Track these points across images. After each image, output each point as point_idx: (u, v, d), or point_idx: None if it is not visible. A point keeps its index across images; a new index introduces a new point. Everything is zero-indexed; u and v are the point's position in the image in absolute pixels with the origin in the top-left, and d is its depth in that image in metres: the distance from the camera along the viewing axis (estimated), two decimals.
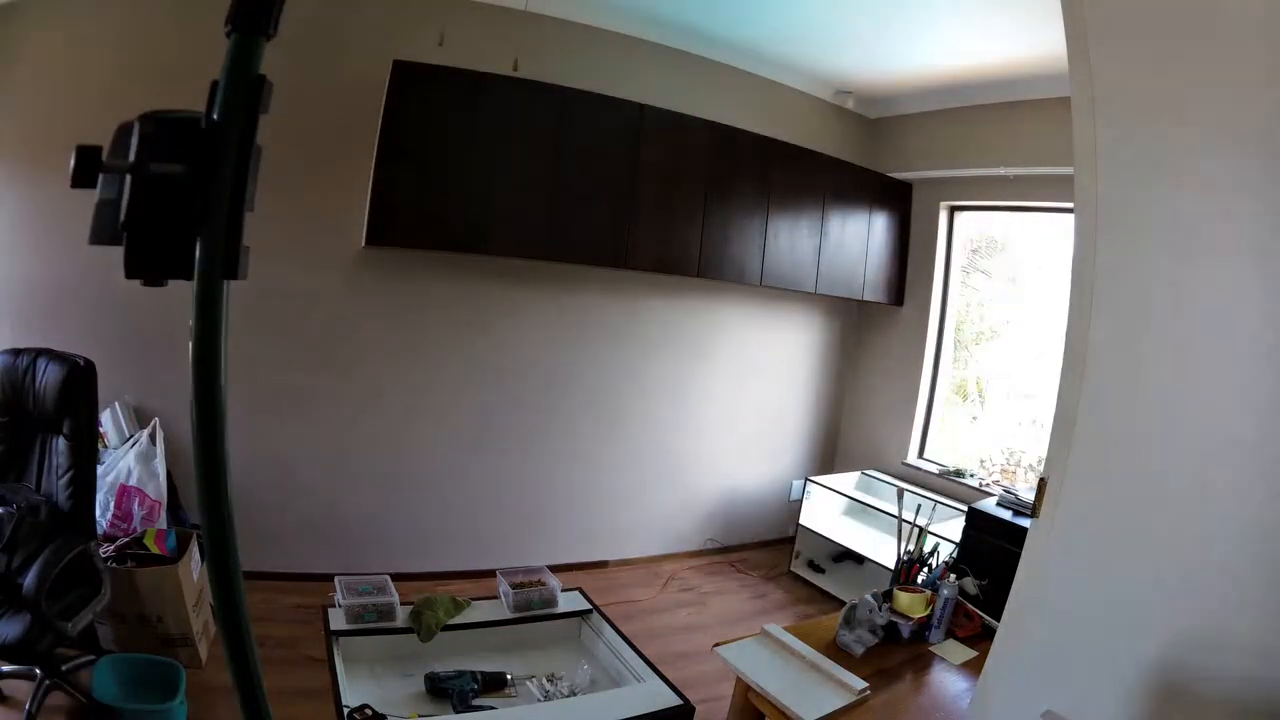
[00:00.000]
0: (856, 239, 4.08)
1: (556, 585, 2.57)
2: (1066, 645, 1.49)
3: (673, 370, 3.92)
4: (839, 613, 2.11)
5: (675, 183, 3.44)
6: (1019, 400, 4.09)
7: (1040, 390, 3.82)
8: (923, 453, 4.28)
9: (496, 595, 2.52)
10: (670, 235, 3.45)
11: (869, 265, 4.15)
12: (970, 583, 2.44)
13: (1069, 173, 1.47)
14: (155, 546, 2.45)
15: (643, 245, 3.37)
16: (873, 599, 2.14)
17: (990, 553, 2.82)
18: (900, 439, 4.29)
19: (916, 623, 2.13)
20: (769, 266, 3.73)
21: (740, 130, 3.58)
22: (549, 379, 3.58)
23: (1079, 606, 1.49)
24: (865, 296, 4.18)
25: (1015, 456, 3.80)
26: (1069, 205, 1.59)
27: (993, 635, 1.69)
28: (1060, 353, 1.52)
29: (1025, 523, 1.85)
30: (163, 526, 2.60)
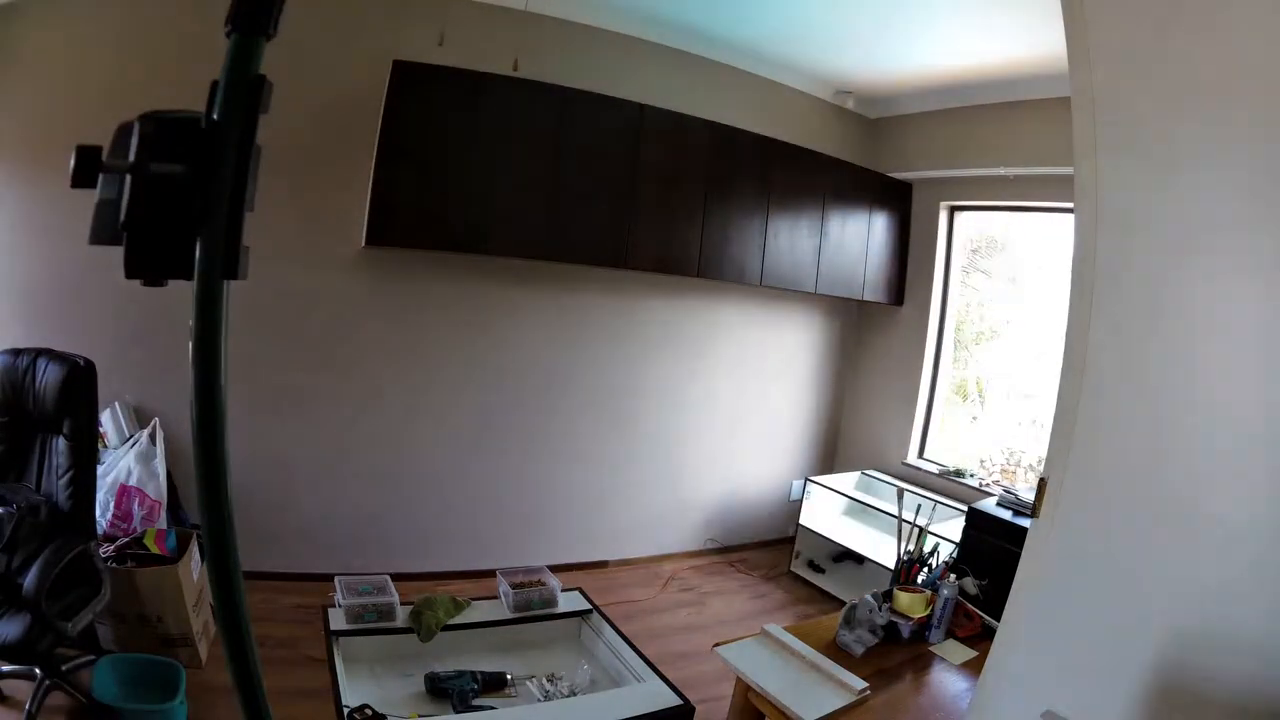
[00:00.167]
0: (856, 239, 4.08)
1: (556, 585, 2.57)
2: (1066, 645, 1.49)
3: (673, 370, 3.93)
4: (839, 613, 2.11)
5: (675, 183, 3.44)
6: (1019, 400, 4.09)
7: (1040, 390, 3.82)
8: (923, 453, 4.28)
9: (496, 595, 2.53)
10: (670, 235, 3.45)
11: (869, 265, 4.15)
12: (970, 583, 2.44)
13: (1069, 173, 1.47)
14: (155, 546, 2.45)
15: (643, 245, 3.37)
16: (873, 599, 2.14)
17: (990, 553, 2.82)
18: (900, 439, 4.29)
19: (916, 623, 2.13)
20: (769, 266, 3.74)
21: (740, 130, 3.58)
22: (549, 379, 3.58)
23: (1079, 606, 1.49)
24: (865, 296, 4.18)
25: (1015, 456, 3.80)
26: (1069, 205, 1.59)
27: (993, 635, 1.69)
28: (1060, 353, 1.52)
29: (1025, 523, 1.85)
30: (163, 526, 2.60)
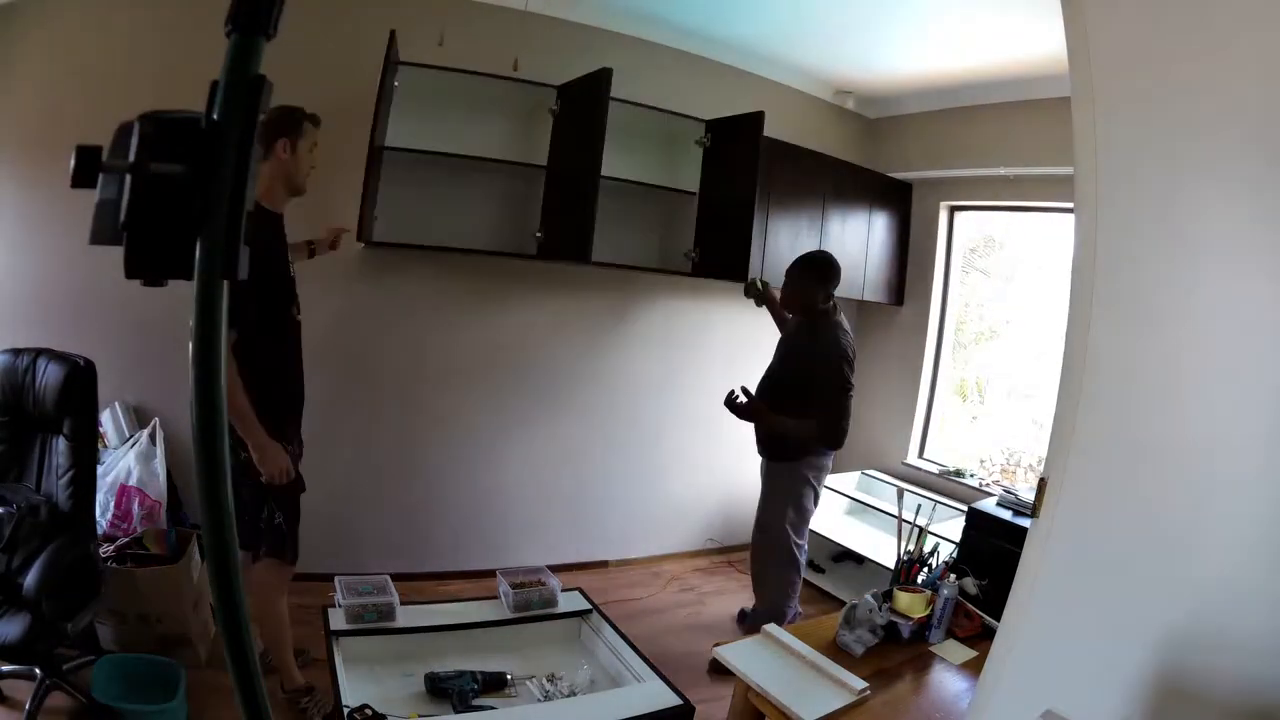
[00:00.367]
0: (856, 239, 4.07)
1: (556, 585, 2.57)
2: (1066, 645, 1.49)
3: (672, 370, 3.92)
4: (839, 613, 2.11)
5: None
6: (1019, 400, 4.09)
7: (1040, 390, 3.82)
8: (923, 453, 4.28)
9: (496, 595, 2.52)
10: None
11: (869, 265, 4.15)
12: (970, 583, 2.44)
13: (1069, 173, 1.46)
14: (155, 546, 2.45)
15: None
16: (873, 599, 2.14)
17: (990, 553, 2.81)
18: (900, 439, 4.29)
19: (916, 623, 2.13)
20: (769, 266, 3.73)
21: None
22: (548, 378, 3.58)
23: (1079, 606, 1.49)
24: (865, 296, 4.17)
25: (1015, 456, 3.80)
26: (1069, 205, 1.59)
27: (993, 635, 1.69)
28: (1060, 353, 1.52)
29: (1025, 523, 1.85)
30: (163, 526, 2.60)
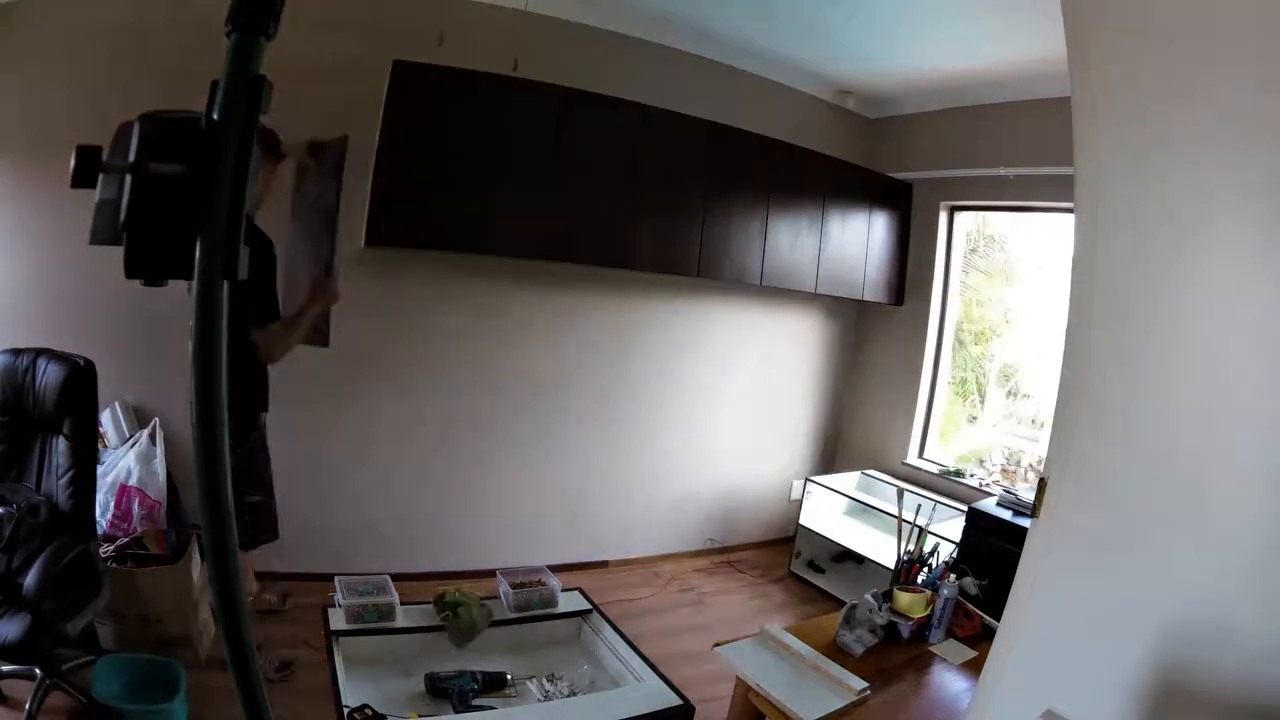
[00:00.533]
0: (856, 239, 4.08)
1: (556, 585, 2.57)
2: (1066, 645, 1.49)
3: (673, 370, 3.92)
4: (839, 613, 2.11)
5: (675, 183, 3.44)
6: (1019, 400, 4.09)
7: (1040, 390, 3.83)
8: (923, 453, 4.28)
9: (496, 595, 2.53)
10: (670, 235, 3.45)
11: (869, 265, 4.15)
12: (970, 583, 2.44)
13: (1069, 173, 1.46)
14: (155, 546, 2.46)
15: (643, 245, 3.37)
16: (873, 599, 2.14)
17: (990, 553, 2.81)
18: (900, 439, 4.29)
19: (916, 623, 2.13)
20: (769, 266, 3.73)
21: (740, 130, 3.58)
22: (549, 378, 3.58)
23: (1079, 606, 1.49)
24: (865, 296, 4.17)
25: (1015, 456, 3.80)
26: (1069, 205, 1.59)
27: (993, 635, 1.69)
28: (1060, 353, 1.52)
29: (1025, 523, 1.85)
30: (163, 526, 2.60)
